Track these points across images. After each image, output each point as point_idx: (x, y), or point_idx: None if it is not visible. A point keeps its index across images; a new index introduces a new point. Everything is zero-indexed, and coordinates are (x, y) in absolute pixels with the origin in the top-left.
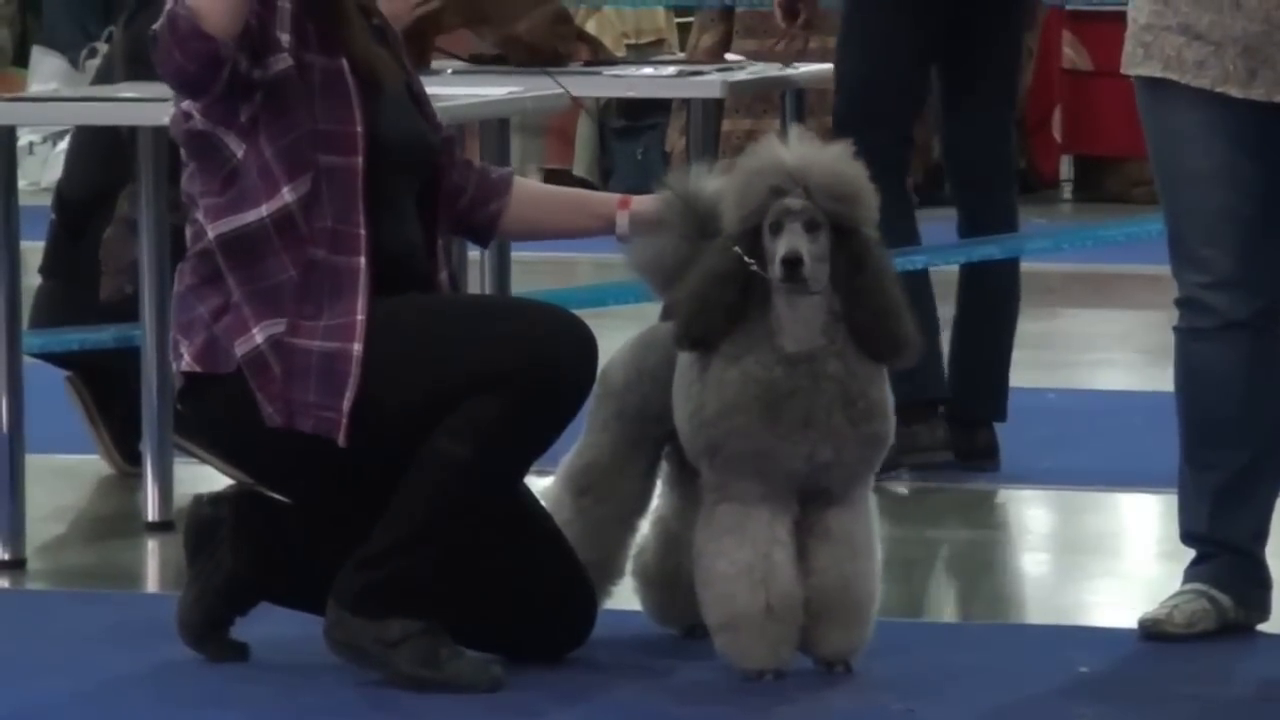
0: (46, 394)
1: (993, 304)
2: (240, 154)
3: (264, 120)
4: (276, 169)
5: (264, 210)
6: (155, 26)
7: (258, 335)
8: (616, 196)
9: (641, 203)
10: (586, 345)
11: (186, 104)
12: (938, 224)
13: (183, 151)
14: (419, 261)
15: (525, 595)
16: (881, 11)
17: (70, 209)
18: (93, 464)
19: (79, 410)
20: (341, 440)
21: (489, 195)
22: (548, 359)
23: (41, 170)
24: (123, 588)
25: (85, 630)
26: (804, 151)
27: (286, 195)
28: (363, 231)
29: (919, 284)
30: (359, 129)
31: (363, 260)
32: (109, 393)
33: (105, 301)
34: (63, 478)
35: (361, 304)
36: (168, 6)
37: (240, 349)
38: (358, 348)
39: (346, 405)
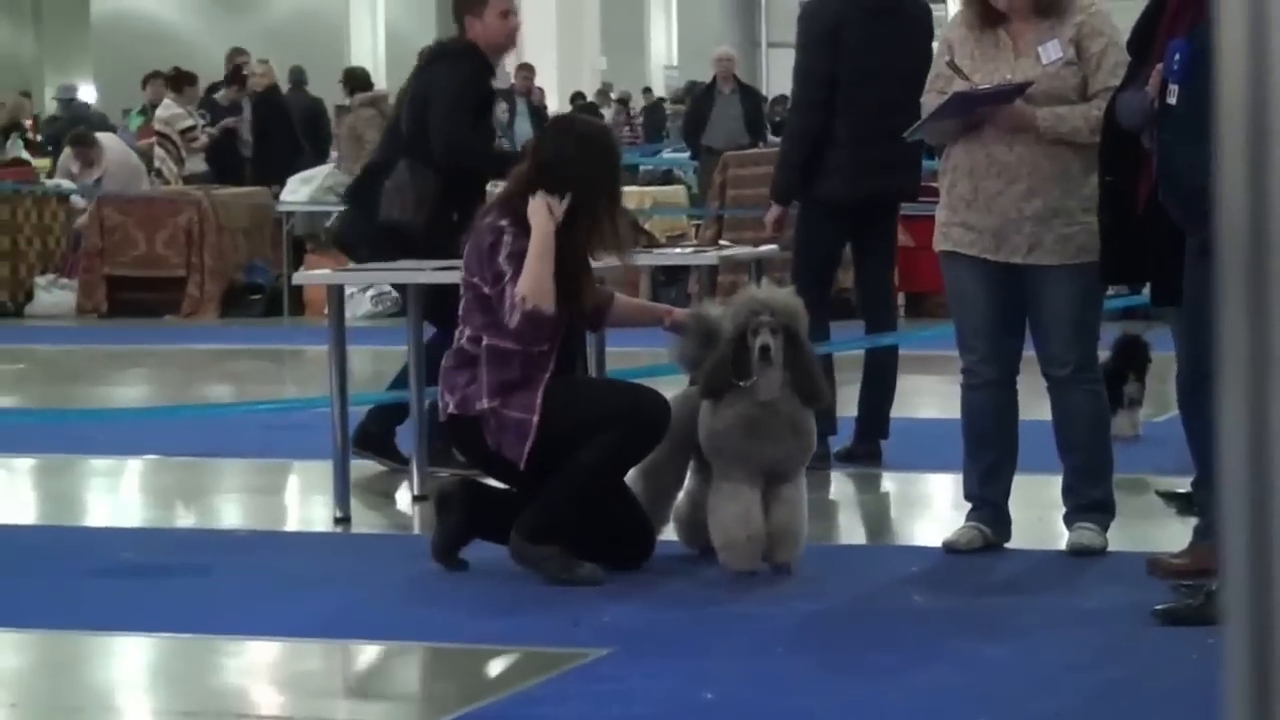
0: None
1: (880, 372)
2: None
3: None
4: None
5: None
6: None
7: (486, 403)
8: (666, 307)
9: (679, 314)
10: (665, 411)
11: (475, 278)
12: (850, 328)
13: (466, 293)
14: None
15: (617, 531)
16: (813, 222)
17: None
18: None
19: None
20: (522, 467)
21: (602, 308)
22: (645, 416)
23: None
24: (403, 530)
25: (384, 557)
26: (770, 292)
27: None
28: (554, 363)
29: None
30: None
31: (549, 375)
32: (396, 422)
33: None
34: (367, 467)
35: (541, 391)
36: (510, 307)
37: (478, 406)
38: (535, 419)
39: (525, 450)
